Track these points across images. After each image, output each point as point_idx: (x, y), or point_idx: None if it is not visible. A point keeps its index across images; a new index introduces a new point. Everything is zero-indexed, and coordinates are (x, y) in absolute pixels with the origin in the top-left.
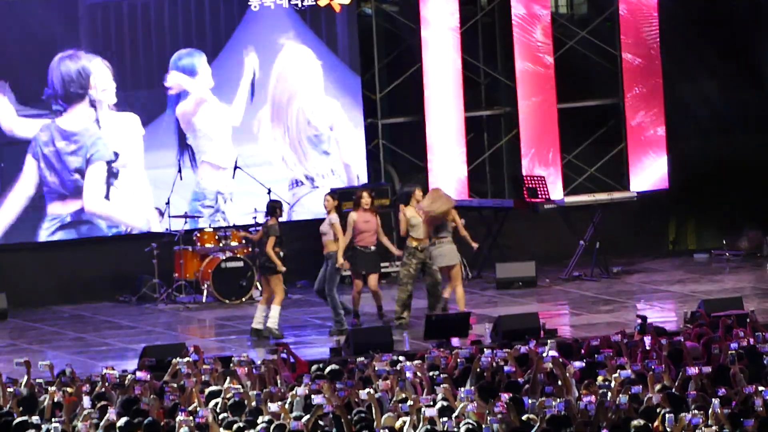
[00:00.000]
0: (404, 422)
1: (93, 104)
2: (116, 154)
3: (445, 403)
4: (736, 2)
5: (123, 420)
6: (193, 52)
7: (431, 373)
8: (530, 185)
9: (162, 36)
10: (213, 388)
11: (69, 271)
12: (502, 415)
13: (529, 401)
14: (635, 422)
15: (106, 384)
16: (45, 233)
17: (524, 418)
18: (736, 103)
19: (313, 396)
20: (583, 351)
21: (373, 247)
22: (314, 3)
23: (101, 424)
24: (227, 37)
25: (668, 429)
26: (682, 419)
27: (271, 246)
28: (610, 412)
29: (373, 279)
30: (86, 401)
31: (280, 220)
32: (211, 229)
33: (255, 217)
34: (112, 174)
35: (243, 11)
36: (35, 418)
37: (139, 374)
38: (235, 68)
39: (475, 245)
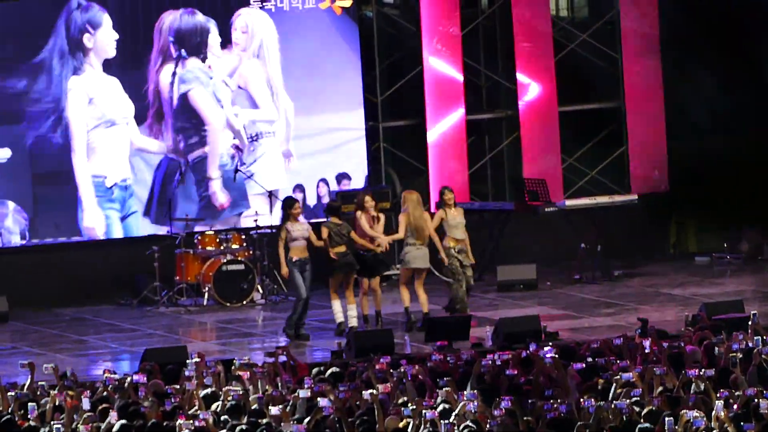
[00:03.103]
0: (406, 424)
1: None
2: None
3: (447, 406)
4: (735, 2)
5: (121, 423)
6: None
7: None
8: (531, 188)
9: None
10: (209, 390)
11: (70, 274)
12: (503, 419)
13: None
14: (637, 426)
15: (108, 388)
16: None
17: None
18: (735, 103)
19: (318, 398)
20: (584, 354)
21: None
22: (315, 5)
23: (102, 427)
24: (228, 39)
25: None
26: (683, 416)
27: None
28: (611, 415)
29: (375, 279)
30: (85, 404)
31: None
32: (212, 232)
33: (256, 220)
34: None
35: None
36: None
37: (135, 377)
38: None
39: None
